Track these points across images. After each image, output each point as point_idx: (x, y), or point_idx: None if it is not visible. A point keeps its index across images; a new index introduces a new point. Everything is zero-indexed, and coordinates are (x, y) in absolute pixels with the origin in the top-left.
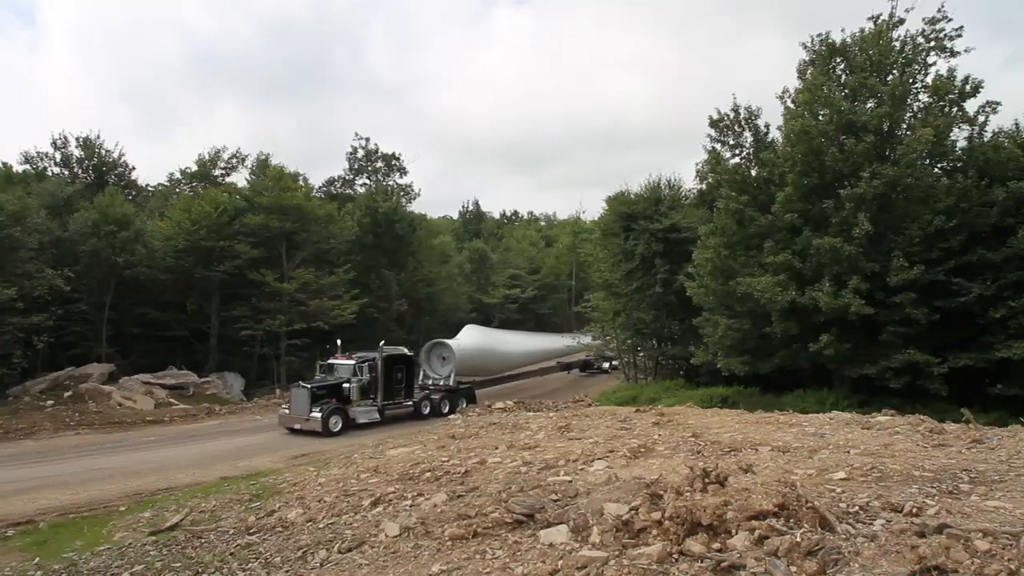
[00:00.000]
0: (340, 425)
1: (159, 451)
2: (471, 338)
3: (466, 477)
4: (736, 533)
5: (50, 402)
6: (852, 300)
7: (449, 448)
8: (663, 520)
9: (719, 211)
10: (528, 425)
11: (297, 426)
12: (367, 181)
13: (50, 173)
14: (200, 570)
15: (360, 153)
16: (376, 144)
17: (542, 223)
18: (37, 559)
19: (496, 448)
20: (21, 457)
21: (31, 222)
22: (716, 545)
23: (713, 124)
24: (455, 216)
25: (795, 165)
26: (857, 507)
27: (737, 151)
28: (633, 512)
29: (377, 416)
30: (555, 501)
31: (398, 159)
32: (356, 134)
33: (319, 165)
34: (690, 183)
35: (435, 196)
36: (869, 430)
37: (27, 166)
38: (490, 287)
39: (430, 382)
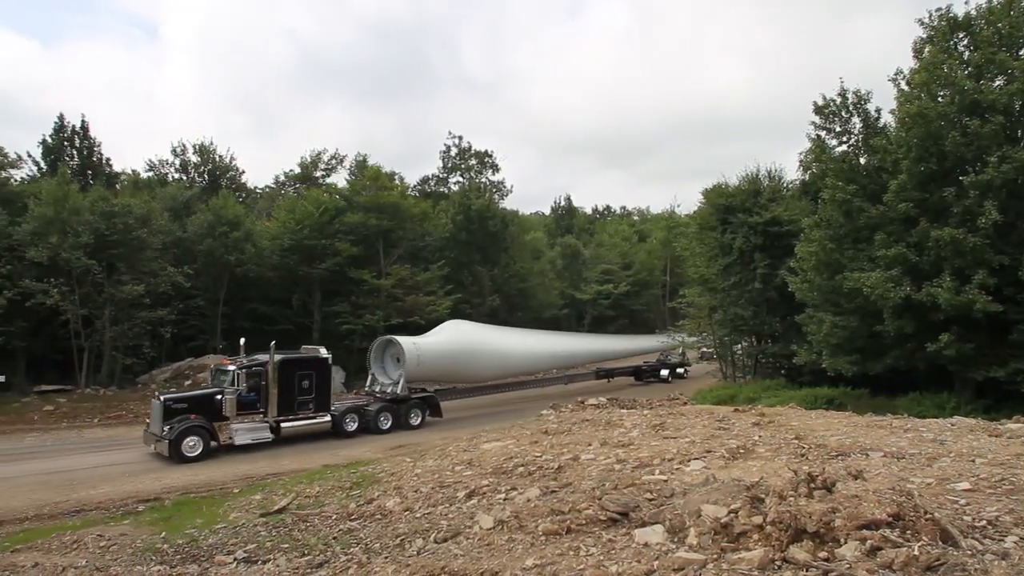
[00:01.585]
0: (200, 449)
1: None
2: (445, 336)
3: (559, 473)
4: (845, 542)
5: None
6: (977, 296)
7: (542, 444)
8: (765, 524)
9: (824, 202)
10: (622, 423)
11: (152, 447)
12: (460, 179)
13: (171, 178)
14: (306, 552)
15: (454, 151)
16: (469, 142)
17: (635, 218)
18: (163, 533)
19: (589, 445)
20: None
21: (156, 224)
22: (823, 554)
23: (818, 111)
24: (547, 212)
25: (910, 151)
26: (984, 521)
27: (844, 138)
28: (732, 515)
29: (268, 435)
30: (650, 500)
31: (491, 156)
32: (450, 132)
33: (414, 163)
34: (792, 174)
35: (527, 192)
36: (998, 438)
37: (151, 173)
38: (582, 283)
39: (377, 388)
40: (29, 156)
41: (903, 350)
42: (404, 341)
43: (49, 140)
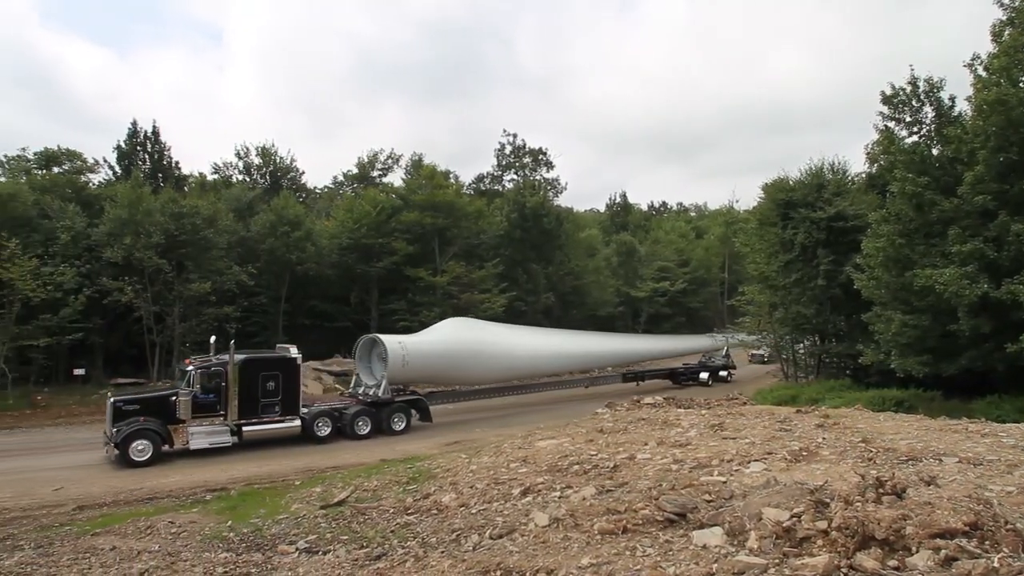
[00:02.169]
0: (149, 453)
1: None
2: (440, 335)
3: (615, 472)
4: (917, 551)
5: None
6: None
7: (597, 442)
8: (830, 530)
9: (893, 196)
10: (679, 422)
11: (106, 450)
12: (515, 176)
13: (235, 180)
14: (364, 544)
15: (508, 149)
16: (524, 140)
17: (692, 214)
18: (230, 522)
19: (645, 444)
20: None
21: (221, 224)
22: (892, 563)
23: (886, 100)
24: (602, 209)
25: (988, 140)
26: None
27: (915, 129)
28: (795, 519)
29: (227, 439)
30: (708, 502)
31: (545, 154)
32: (504, 130)
33: (469, 162)
34: (858, 166)
35: (582, 189)
36: None
37: (216, 175)
38: (638, 280)
39: (361, 390)
40: (105, 161)
41: (980, 351)
42: (388, 340)
43: (123, 145)
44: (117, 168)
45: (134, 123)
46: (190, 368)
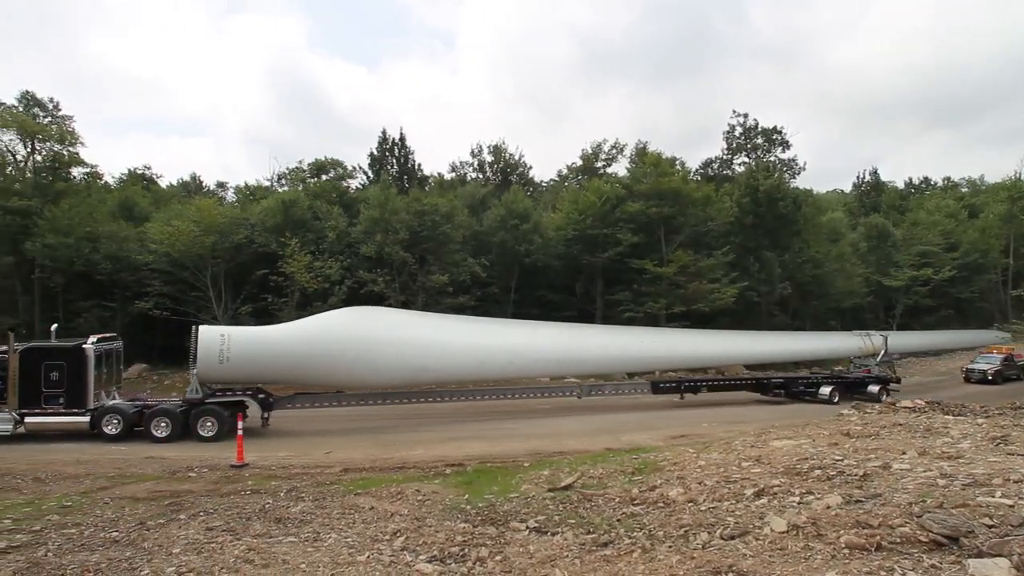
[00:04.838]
0: None
1: (552, 419)
2: (310, 326)
3: (864, 481)
4: None
5: None
6: None
7: (843, 446)
8: None
9: None
10: (947, 431)
11: None
12: (746, 159)
13: (469, 178)
14: (591, 529)
15: (738, 131)
16: (755, 119)
17: (964, 189)
18: (466, 496)
19: (903, 453)
20: (453, 415)
21: (457, 220)
22: None
23: None
24: (847, 189)
25: None
26: None
27: None
28: None
29: (7, 428)
30: (989, 527)
31: (780, 133)
32: (734, 111)
33: (696, 144)
34: None
35: (824, 168)
36: None
37: (453, 174)
38: (892, 268)
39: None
40: (360, 168)
41: None
42: (204, 331)
43: (375, 152)
44: (370, 173)
45: (383, 132)
46: None
